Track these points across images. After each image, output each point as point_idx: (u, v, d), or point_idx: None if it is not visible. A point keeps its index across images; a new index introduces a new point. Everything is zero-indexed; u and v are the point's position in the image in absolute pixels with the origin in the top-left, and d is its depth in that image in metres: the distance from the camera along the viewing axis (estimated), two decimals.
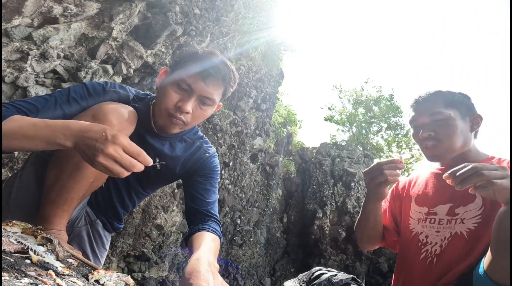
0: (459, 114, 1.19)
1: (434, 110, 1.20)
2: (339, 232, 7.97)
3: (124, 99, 1.11)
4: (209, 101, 1.08)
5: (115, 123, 0.98)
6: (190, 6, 3.14)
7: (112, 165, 0.75)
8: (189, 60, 1.08)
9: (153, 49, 2.91)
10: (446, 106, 1.19)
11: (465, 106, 1.22)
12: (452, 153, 1.19)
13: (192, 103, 1.06)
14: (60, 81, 2.29)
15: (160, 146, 1.19)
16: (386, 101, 12.59)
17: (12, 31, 1.93)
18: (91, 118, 0.97)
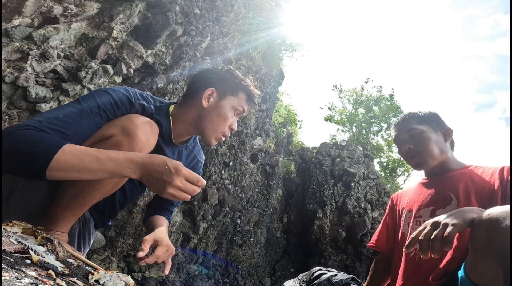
0: (431, 128, 1.40)
1: (409, 127, 1.42)
2: (339, 232, 7.97)
3: (149, 112, 1.17)
4: None
5: (143, 139, 1.04)
6: (190, 6, 3.14)
7: (179, 194, 0.87)
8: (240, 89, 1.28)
9: (153, 49, 2.91)
10: (419, 123, 1.41)
11: (435, 121, 1.43)
12: (432, 159, 1.37)
13: None
14: (60, 81, 2.29)
15: (172, 155, 1.29)
16: (386, 101, 12.59)
17: (12, 31, 1.93)
18: (119, 131, 1.01)
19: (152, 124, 1.10)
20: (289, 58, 6.87)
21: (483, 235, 0.82)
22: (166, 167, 0.86)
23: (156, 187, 0.87)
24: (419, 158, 1.38)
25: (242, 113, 1.29)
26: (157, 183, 0.86)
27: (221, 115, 1.24)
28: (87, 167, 0.84)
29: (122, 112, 1.09)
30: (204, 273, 5.53)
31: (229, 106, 1.25)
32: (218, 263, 5.87)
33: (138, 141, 1.02)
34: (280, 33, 5.96)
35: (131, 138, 1.01)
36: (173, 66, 3.28)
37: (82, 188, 1.00)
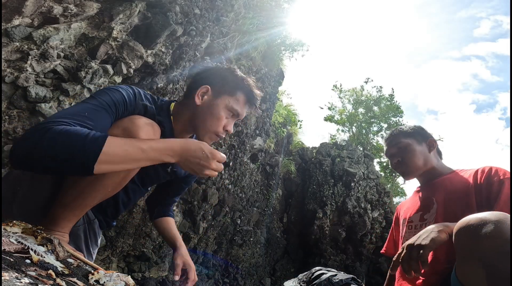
0: (415, 141, 1.53)
1: (396, 141, 1.57)
2: (339, 232, 7.97)
3: (150, 112, 1.16)
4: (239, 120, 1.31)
5: None
6: (190, 6, 3.14)
7: (213, 173, 1.00)
8: (238, 89, 1.24)
9: (153, 49, 2.91)
10: (405, 137, 1.55)
11: (419, 134, 1.55)
12: (416, 170, 1.50)
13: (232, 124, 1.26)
14: (60, 81, 2.29)
15: None
16: (386, 101, 12.59)
17: (12, 31, 1.93)
18: (121, 132, 1.00)
19: (154, 125, 1.09)
20: (289, 58, 6.87)
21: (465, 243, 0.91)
22: (203, 152, 0.96)
23: (193, 170, 0.98)
24: (405, 168, 1.52)
25: (238, 116, 1.25)
26: (195, 166, 0.97)
27: (214, 115, 1.20)
28: (133, 157, 0.90)
29: (129, 111, 1.09)
30: (204, 273, 5.53)
31: (223, 105, 1.21)
32: (218, 263, 5.87)
33: None
34: (280, 33, 5.96)
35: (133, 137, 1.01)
36: (173, 66, 3.28)
37: (83, 189, 1.00)
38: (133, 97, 1.11)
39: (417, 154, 1.49)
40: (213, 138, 1.23)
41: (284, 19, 5.70)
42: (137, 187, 1.31)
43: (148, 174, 1.28)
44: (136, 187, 1.31)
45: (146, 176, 1.29)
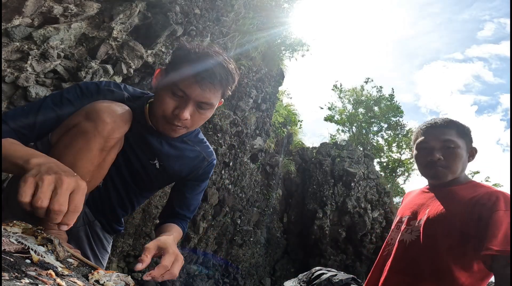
0: (465, 145, 1.34)
1: (447, 137, 1.33)
2: (339, 232, 7.97)
3: (119, 98, 1.08)
4: (207, 106, 1.04)
5: (109, 121, 0.96)
6: (190, 6, 3.14)
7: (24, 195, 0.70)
8: (182, 62, 1.01)
9: (153, 49, 2.91)
10: (458, 136, 1.33)
11: (469, 138, 1.37)
12: (451, 176, 1.33)
13: (190, 109, 1.01)
14: (60, 81, 2.29)
15: (159, 146, 1.16)
16: (386, 101, 12.58)
17: (12, 31, 1.93)
18: (84, 117, 0.96)
19: (121, 105, 1.01)
20: (289, 58, 6.87)
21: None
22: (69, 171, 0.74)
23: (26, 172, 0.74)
24: (442, 172, 1.33)
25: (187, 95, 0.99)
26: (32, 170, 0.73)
27: (158, 97, 1.04)
28: None
29: (89, 100, 1.03)
30: (204, 273, 5.53)
31: (165, 84, 1.01)
32: (218, 263, 5.87)
33: (104, 124, 0.95)
34: (280, 33, 5.96)
35: (96, 122, 0.95)
36: None
37: None
38: (94, 86, 1.07)
39: (462, 160, 1.32)
40: (164, 124, 1.05)
41: (284, 19, 5.70)
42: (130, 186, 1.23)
43: (136, 169, 1.18)
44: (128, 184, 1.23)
45: (136, 172, 1.19)
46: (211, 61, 1.00)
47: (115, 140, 1.01)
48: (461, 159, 1.31)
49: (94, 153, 0.97)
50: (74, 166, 0.94)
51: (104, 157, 1.02)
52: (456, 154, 1.31)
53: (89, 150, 0.96)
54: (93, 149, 0.96)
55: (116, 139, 1.01)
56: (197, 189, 1.30)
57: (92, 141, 0.95)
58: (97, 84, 1.08)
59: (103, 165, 1.04)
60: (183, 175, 1.24)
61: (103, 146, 0.98)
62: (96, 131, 0.95)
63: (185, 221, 1.28)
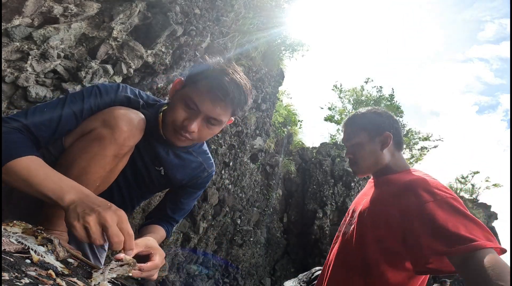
0: (368, 136, 1.35)
1: (349, 136, 1.41)
2: None
3: (135, 105, 1.11)
4: (216, 122, 1.06)
5: (126, 129, 0.99)
6: (190, 6, 3.14)
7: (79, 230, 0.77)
8: (199, 77, 1.04)
9: (153, 49, 2.91)
10: (358, 131, 1.37)
11: (376, 127, 1.36)
12: (367, 170, 1.37)
13: (199, 123, 1.03)
14: (61, 81, 2.29)
15: (165, 155, 1.19)
16: (386, 101, 12.59)
17: (12, 31, 1.93)
18: (101, 123, 0.98)
19: (136, 114, 1.03)
20: (289, 58, 6.87)
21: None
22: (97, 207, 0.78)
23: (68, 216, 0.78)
24: (355, 168, 1.40)
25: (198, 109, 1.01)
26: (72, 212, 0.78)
27: (171, 106, 1.07)
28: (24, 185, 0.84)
29: (106, 101, 1.06)
30: (204, 273, 5.53)
31: (181, 95, 1.05)
32: (218, 263, 5.87)
33: (121, 131, 0.97)
34: (280, 33, 5.96)
35: (113, 129, 0.97)
36: (173, 66, 3.28)
37: None
38: (112, 90, 1.09)
39: (367, 154, 1.34)
40: (171, 133, 1.07)
41: (284, 19, 5.70)
42: (133, 188, 1.26)
43: (142, 174, 1.22)
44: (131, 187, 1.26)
45: (141, 177, 1.23)
46: (226, 78, 1.02)
47: (129, 148, 1.04)
48: (366, 152, 1.34)
49: (108, 159, 0.99)
50: (87, 171, 0.97)
51: (116, 163, 1.04)
52: (359, 150, 1.36)
53: (103, 156, 0.98)
54: (108, 155, 0.98)
55: (130, 147, 1.04)
56: (193, 196, 1.34)
57: (108, 147, 0.97)
58: (115, 87, 1.10)
59: (114, 171, 1.06)
60: (184, 183, 1.28)
61: (117, 153, 1.00)
62: (113, 138, 0.97)
63: (171, 226, 1.31)
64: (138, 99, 1.14)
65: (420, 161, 12.20)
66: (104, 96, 1.06)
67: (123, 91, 1.12)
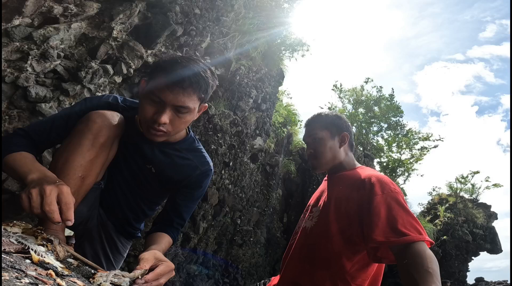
0: (329, 134, 1.50)
1: (313, 131, 1.53)
2: None
3: (114, 108, 1.21)
4: (184, 109, 1.09)
5: (98, 121, 1.09)
6: (190, 6, 3.14)
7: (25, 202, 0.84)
8: (157, 71, 1.10)
9: (153, 49, 2.91)
10: (321, 128, 1.51)
11: (335, 126, 1.52)
12: (325, 165, 1.51)
13: (168, 114, 1.08)
14: (61, 81, 2.29)
15: (151, 152, 1.24)
16: (386, 101, 12.58)
17: (12, 31, 1.93)
18: (80, 122, 1.12)
19: (113, 113, 1.16)
20: (289, 58, 6.87)
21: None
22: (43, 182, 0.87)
23: None
24: (314, 163, 1.53)
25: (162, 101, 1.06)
26: None
27: (140, 104, 1.13)
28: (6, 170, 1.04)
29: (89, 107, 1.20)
30: (204, 273, 5.53)
31: (145, 93, 1.11)
32: (218, 263, 5.87)
33: (93, 122, 1.09)
34: (280, 33, 5.96)
35: (87, 121, 1.09)
36: None
37: None
38: (96, 98, 1.26)
39: (327, 149, 1.49)
40: (147, 130, 1.12)
41: (284, 19, 5.70)
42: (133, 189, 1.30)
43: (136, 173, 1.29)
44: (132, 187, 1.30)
45: (136, 176, 1.29)
46: (178, 65, 1.08)
47: (104, 137, 1.10)
48: (325, 148, 1.48)
49: (84, 147, 1.07)
50: (67, 160, 1.06)
51: (96, 153, 1.09)
52: (320, 145, 1.49)
53: (79, 145, 1.07)
54: (83, 144, 1.07)
55: (105, 136, 1.10)
56: (189, 196, 1.33)
57: (83, 137, 1.08)
58: (98, 98, 1.26)
59: (95, 161, 1.10)
60: (175, 180, 1.30)
61: (92, 141, 1.08)
62: (86, 128, 1.08)
63: (177, 229, 1.33)
64: (119, 103, 1.25)
65: (420, 161, 12.19)
66: (88, 103, 1.22)
67: (106, 98, 1.25)
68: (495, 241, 10.57)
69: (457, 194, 11.81)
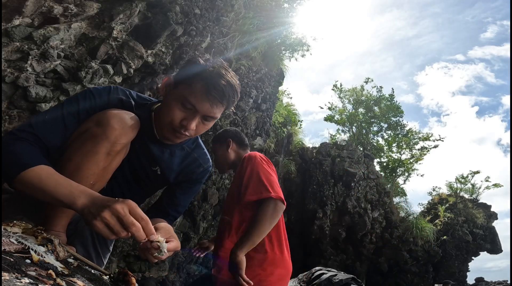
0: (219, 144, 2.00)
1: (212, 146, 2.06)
2: (339, 232, 7.96)
3: (127, 106, 1.14)
4: (211, 119, 1.13)
5: (117, 128, 1.02)
6: (190, 6, 3.14)
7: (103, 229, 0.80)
8: (194, 77, 1.07)
9: (153, 49, 2.91)
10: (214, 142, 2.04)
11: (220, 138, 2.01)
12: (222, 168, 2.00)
13: (196, 121, 1.09)
14: (61, 81, 2.29)
15: (160, 154, 1.23)
16: (386, 101, 12.58)
17: (12, 31, 1.93)
18: (94, 123, 1.03)
19: (130, 114, 1.08)
20: (289, 58, 6.86)
21: None
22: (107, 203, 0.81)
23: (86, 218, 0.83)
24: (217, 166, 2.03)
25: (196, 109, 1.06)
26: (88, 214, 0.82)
27: (167, 105, 1.10)
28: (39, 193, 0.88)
29: (99, 102, 1.11)
30: (204, 273, 5.53)
31: (175, 95, 1.08)
32: None
33: (112, 129, 1.02)
34: (280, 33, 5.96)
35: (105, 127, 1.01)
36: (173, 66, 3.28)
37: None
38: (105, 92, 1.14)
39: (219, 156, 1.98)
40: (170, 131, 1.11)
41: (284, 19, 5.70)
42: (133, 187, 1.29)
43: (139, 174, 1.26)
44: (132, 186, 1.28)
45: (139, 176, 1.26)
46: (221, 80, 1.06)
47: (121, 146, 1.07)
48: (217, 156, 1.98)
49: (100, 156, 1.02)
50: (80, 167, 1.00)
51: (110, 161, 1.07)
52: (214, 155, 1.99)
53: (96, 153, 1.02)
54: (100, 152, 1.02)
55: (122, 144, 1.07)
56: (189, 191, 1.37)
57: (100, 144, 1.01)
58: (107, 92, 1.15)
59: (108, 169, 1.08)
60: (179, 178, 1.32)
61: (109, 150, 1.04)
62: (104, 135, 1.01)
63: (171, 222, 1.34)
64: (130, 100, 1.18)
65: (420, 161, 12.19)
66: (97, 99, 1.12)
67: (115, 93, 1.16)
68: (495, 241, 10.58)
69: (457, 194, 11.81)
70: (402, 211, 9.63)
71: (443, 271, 9.25)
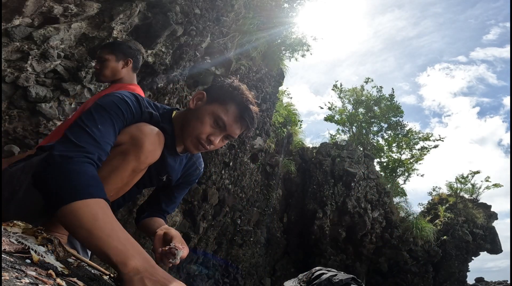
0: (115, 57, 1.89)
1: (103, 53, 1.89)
2: (339, 232, 7.97)
3: (155, 119, 1.18)
4: (232, 139, 1.22)
5: (150, 149, 1.07)
6: (190, 6, 3.14)
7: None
8: (227, 98, 1.16)
9: (154, 49, 2.91)
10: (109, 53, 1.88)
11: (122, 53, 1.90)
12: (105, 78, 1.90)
13: (220, 138, 1.18)
14: (61, 81, 2.29)
15: (173, 164, 1.28)
16: (386, 101, 12.58)
17: (12, 31, 1.93)
18: (129, 139, 1.04)
19: (160, 134, 1.12)
20: (289, 58, 6.86)
21: None
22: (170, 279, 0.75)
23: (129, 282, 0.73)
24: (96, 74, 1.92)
25: (225, 128, 1.15)
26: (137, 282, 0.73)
27: (198, 118, 1.16)
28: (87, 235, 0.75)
29: (135, 119, 1.11)
30: (204, 273, 5.53)
31: (209, 111, 1.15)
32: (218, 263, 5.87)
33: (145, 150, 1.05)
34: (280, 33, 5.96)
35: (138, 147, 1.04)
36: (173, 66, 3.28)
37: None
38: (137, 105, 1.12)
39: (109, 68, 1.88)
40: (194, 143, 1.16)
41: (284, 19, 5.70)
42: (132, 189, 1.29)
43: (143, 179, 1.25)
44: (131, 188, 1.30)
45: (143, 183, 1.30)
46: (253, 108, 1.19)
47: (147, 165, 1.11)
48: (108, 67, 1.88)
49: (127, 173, 1.06)
50: (106, 181, 1.01)
51: (133, 178, 1.11)
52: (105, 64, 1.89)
53: (123, 170, 1.05)
54: (127, 170, 1.06)
55: (149, 164, 1.11)
56: (185, 190, 1.47)
57: (129, 163, 1.05)
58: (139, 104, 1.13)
59: (129, 184, 1.12)
60: (179, 180, 1.40)
61: (136, 168, 1.07)
62: (135, 155, 1.04)
63: (165, 218, 1.43)
64: (156, 113, 1.19)
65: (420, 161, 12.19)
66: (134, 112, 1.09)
67: (144, 106, 1.15)
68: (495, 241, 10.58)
69: (457, 194, 11.80)
70: (402, 211, 9.63)
71: (443, 271, 9.25)
